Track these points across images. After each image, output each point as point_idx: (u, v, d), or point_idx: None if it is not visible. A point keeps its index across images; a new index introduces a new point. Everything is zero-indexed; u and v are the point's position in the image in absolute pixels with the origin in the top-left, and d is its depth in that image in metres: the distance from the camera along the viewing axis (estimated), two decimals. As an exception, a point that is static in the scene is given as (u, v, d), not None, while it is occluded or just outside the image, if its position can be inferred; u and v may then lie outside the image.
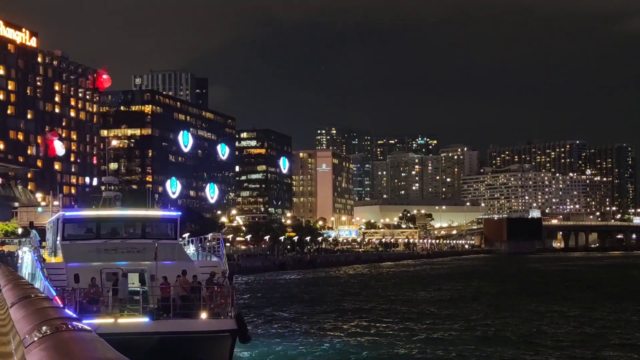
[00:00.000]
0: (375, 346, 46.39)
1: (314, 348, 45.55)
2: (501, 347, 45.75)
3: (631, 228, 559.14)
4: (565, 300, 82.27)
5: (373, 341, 48.77)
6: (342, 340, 49.06)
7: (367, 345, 46.58)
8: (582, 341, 48.46)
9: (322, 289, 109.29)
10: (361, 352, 43.83)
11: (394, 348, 45.66)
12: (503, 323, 59.14)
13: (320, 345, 46.69)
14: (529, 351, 44.23)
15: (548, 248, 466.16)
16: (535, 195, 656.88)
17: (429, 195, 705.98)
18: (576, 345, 46.50)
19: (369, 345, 46.90)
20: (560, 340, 48.71)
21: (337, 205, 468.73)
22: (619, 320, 60.48)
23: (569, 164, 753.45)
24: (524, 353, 43.60)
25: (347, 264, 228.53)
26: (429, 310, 72.73)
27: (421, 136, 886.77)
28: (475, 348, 45.39)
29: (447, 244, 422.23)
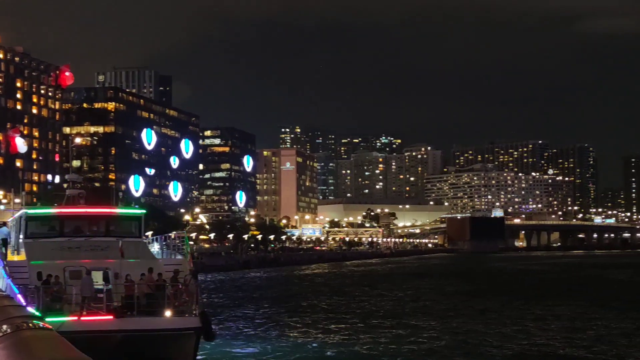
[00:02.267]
0: (338, 345, 46.43)
1: (278, 346, 45.52)
2: (463, 345, 45.97)
3: (592, 227, 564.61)
4: (527, 299, 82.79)
5: (336, 340, 48.80)
6: (306, 339, 49.07)
7: (330, 344, 46.60)
8: (544, 339, 48.82)
9: (285, 288, 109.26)
10: (324, 351, 43.85)
11: (356, 346, 45.74)
12: (466, 322, 59.39)
13: (284, 344, 46.68)
14: (490, 348, 44.48)
15: (510, 247, 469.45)
16: (498, 194, 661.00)
17: (392, 194, 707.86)
18: (538, 344, 46.83)
19: (332, 343, 46.93)
20: (524, 340, 49.05)
21: (301, 204, 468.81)
22: (582, 320, 60.99)
23: (532, 163, 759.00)
24: (486, 350, 43.84)
25: (311, 263, 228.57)
26: (391, 309, 72.92)
27: (385, 135, 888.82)
28: (437, 346, 45.56)
29: (410, 242, 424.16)
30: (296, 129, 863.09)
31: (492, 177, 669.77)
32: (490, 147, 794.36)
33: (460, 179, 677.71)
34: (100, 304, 34.26)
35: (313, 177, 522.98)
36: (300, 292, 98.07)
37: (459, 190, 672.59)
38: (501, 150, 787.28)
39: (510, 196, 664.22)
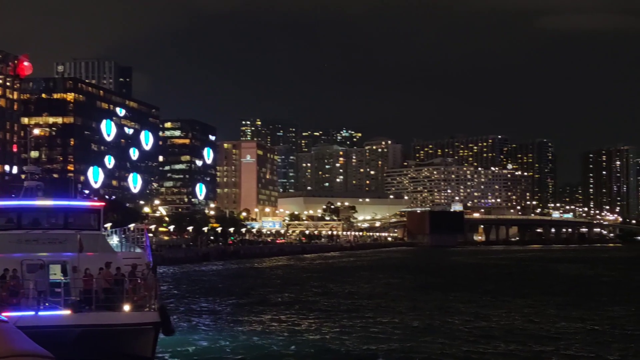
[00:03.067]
0: (297, 337, 46.37)
1: (238, 340, 45.37)
2: (419, 339, 46.08)
3: (550, 222, 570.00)
4: (485, 293, 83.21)
5: (295, 333, 48.75)
6: (265, 332, 48.97)
7: (289, 337, 46.52)
8: (503, 333, 49.06)
9: (245, 281, 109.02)
10: (283, 344, 43.76)
11: (315, 339, 45.69)
12: (425, 316, 59.57)
13: (244, 337, 46.54)
14: (447, 342, 44.62)
15: (469, 241, 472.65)
16: (458, 188, 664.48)
17: (352, 188, 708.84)
18: (495, 337, 47.05)
19: (291, 336, 46.85)
20: (484, 333, 49.24)
21: (261, 197, 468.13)
22: (538, 314, 61.38)
23: (491, 158, 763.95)
24: (442, 344, 43.97)
25: (271, 256, 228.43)
26: (351, 302, 72.98)
27: (346, 129, 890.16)
28: (393, 340, 45.64)
29: (370, 236, 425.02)
30: (257, 121, 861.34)
31: (451, 172, 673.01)
32: (451, 142, 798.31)
33: (420, 173, 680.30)
34: (58, 298, 33.93)
35: (273, 170, 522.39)
36: (259, 285, 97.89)
37: (419, 184, 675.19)
38: (461, 144, 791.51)
39: (470, 190, 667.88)
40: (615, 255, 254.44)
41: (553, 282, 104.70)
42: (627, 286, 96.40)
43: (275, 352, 41.33)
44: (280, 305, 70.29)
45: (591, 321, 55.88)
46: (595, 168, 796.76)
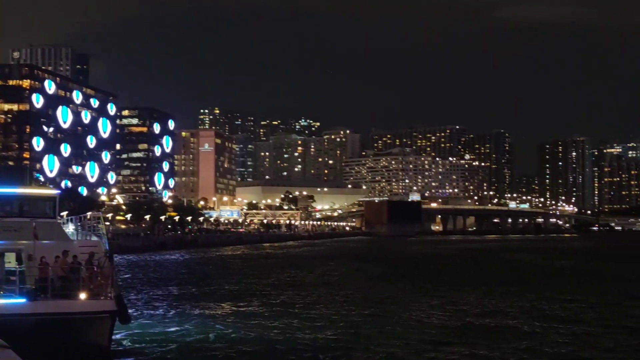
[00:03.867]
0: (253, 326, 46.26)
1: (195, 329, 45.19)
2: (373, 330, 46.20)
3: (507, 212, 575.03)
4: (441, 283, 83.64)
5: (252, 321, 48.63)
6: (222, 321, 48.80)
7: (246, 325, 46.41)
8: (456, 323, 49.31)
9: (203, 270, 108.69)
10: (240, 333, 43.63)
11: (271, 328, 45.63)
12: (378, 306, 59.73)
13: (201, 326, 46.36)
14: (400, 333, 44.75)
15: (427, 231, 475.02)
16: (416, 178, 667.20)
17: (311, 177, 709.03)
18: (447, 328, 47.28)
19: (248, 325, 46.74)
20: (439, 323, 49.48)
21: (219, 186, 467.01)
22: (493, 304, 61.75)
23: (449, 148, 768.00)
24: (394, 335, 44.09)
25: (229, 245, 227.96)
26: (307, 292, 72.99)
27: (304, 118, 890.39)
28: (347, 331, 45.73)
29: (328, 225, 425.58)
30: (215, 110, 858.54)
31: (409, 162, 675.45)
32: (409, 132, 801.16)
33: (379, 163, 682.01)
34: (13, 286, 33.60)
35: (232, 158, 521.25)
36: (217, 274, 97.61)
37: (377, 174, 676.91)
38: (419, 134, 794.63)
39: (428, 180, 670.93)
40: (573, 245, 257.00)
41: (510, 272, 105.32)
42: (585, 275, 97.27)
43: (232, 341, 41.19)
44: (237, 294, 70.13)
45: (549, 311, 56.34)
46: (551, 159, 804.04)
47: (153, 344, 39.83)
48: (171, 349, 38.79)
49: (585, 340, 42.43)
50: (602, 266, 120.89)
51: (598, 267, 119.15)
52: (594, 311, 55.93)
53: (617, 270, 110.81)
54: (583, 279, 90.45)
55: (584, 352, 38.83)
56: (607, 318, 51.91)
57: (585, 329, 46.77)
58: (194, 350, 38.75)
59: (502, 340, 41.87)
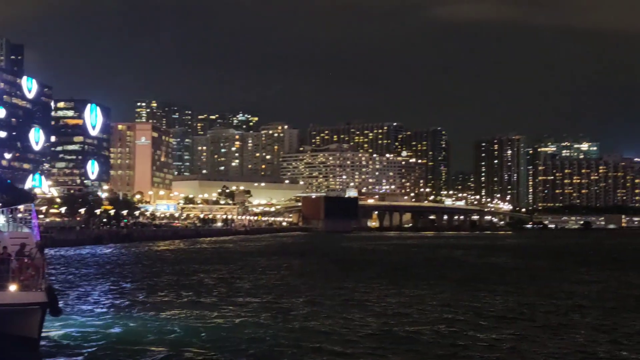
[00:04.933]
0: (187, 321, 45.99)
1: (126, 322, 44.75)
2: (305, 325, 46.20)
3: (443, 209, 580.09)
4: (374, 278, 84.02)
5: (185, 316, 48.35)
6: (155, 315, 48.42)
7: (178, 320, 46.11)
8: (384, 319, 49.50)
9: (138, 264, 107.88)
10: (174, 327, 43.33)
11: (205, 323, 45.40)
12: (308, 302, 59.83)
13: (133, 320, 45.94)
14: (327, 329, 44.79)
15: (364, 227, 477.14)
16: (353, 174, 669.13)
17: (248, 172, 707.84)
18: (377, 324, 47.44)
19: (181, 320, 46.44)
20: (372, 320, 49.61)
21: (155, 179, 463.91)
22: (420, 298, 62.16)
23: (386, 145, 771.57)
24: (321, 329, 44.13)
25: (165, 239, 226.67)
26: (243, 287, 72.96)
27: (242, 113, 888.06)
28: (278, 326, 45.67)
29: (265, 221, 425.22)
30: (152, 103, 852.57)
31: (347, 158, 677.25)
32: (346, 128, 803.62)
33: (316, 159, 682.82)
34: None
35: (168, 152, 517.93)
36: (152, 269, 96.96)
37: (315, 169, 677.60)
38: (357, 131, 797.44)
39: (365, 177, 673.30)
40: (510, 242, 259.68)
41: (441, 268, 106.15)
42: (518, 272, 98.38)
43: (165, 334, 40.86)
44: (172, 288, 69.71)
45: (485, 306, 56.81)
46: (487, 157, 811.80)
47: (82, 336, 39.36)
48: (102, 342, 38.34)
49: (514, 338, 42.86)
50: (536, 262, 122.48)
51: (532, 264, 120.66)
52: (528, 308, 56.54)
53: (549, 267, 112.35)
54: (515, 276, 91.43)
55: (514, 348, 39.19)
56: (536, 314, 52.54)
57: (516, 326, 47.27)
58: (125, 343, 38.33)
59: (425, 340, 42.09)
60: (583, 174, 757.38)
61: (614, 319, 50.09)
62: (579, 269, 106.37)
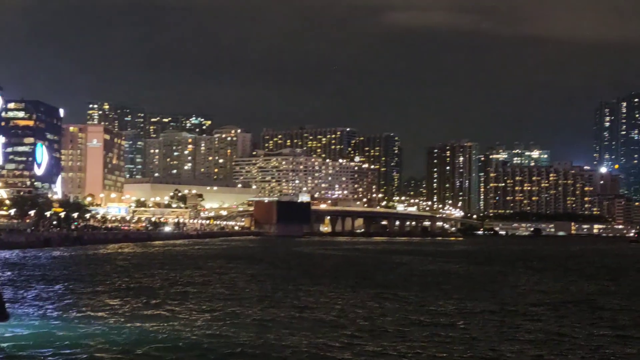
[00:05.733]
0: (136, 325, 45.92)
1: (75, 326, 44.58)
2: (252, 329, 46.36)
3: (395, 215, 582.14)
4: (322, 284, 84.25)
5: (134, 320, 48.25)
6: (104, 320, 48.27)
7: (129, 324, 46.02)
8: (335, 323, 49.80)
9: (88, 267, 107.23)
10: (122, 331, 43.25)
11: (153, 326, 45.37)
12: (253, 305, 59.97)
13: (82, 324, 45.78)
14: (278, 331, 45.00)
15: (316, 232, 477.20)
16: (306, 179, 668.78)
17: (201, 176, 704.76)
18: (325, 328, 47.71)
19: (130, 324, 46.35)
20: (315, 324, 49.87)
21: (107, 182, 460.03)
22: (366, 303, 62.51)
23: (339, 150, 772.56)
24: (273, 334, 44.33)
25: (116, 242, 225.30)
26: (192, 291, 72.89)
27: (195, 116, 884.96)
28: (226, 332, 45.81)
29: (217, 225, 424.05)
30: (104, 105, 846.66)
31: (300, 162, 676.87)
32: (300, 133, 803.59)
33: (269, 163, 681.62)
34: None
35: (120, 155, 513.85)
36: (102, 272, 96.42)
37: (268, 174, 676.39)
38: (310, 136, 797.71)
39: (317, 182, 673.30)
40: (460, 248, 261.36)
41: (394, 274, 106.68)
42: (468, 278, 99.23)
43: (111, 339, 40.78)
44: (120, 292, 69.42)
45: (433, 313, 57.28)
46: (439, 163, 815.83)
47: (30, 341, 39.19)
48: (50, 347, 38.18)
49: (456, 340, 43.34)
50: (487, 269, 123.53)
51: (484, 270, 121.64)
52: (475, 315, 57.11)
53: (499, 273, 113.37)
54: (465, 282, 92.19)
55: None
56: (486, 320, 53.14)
57: (468, 331, 47.79)
58: (74, 346, 38.21)
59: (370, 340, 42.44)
60: (534, 182, 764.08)
61: (559, 323, 50.86)
62: (525, 274, 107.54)
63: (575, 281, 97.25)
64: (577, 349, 41.36)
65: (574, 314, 58.03)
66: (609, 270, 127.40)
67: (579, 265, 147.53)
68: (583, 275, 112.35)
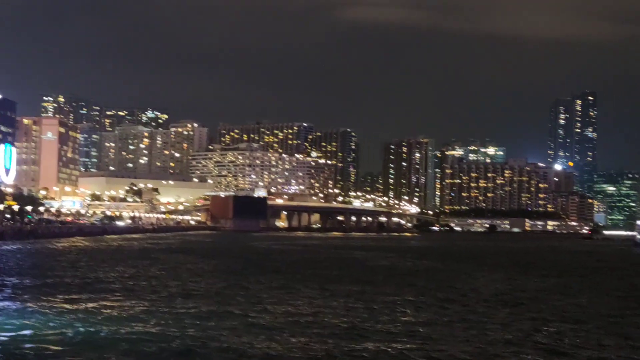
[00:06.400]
0: (89, 319, 45.70)
1: (30, 323, 44.27)
2: (206, 325, 46.36)
3: (351, 210, 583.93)
4: (276, 279, 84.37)
5: (88, 314, 48.02)
6: (55, 315, 47.96)
7: (82, 319, 45.79)
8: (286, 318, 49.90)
9: (41, 261, 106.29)
10: (76, 326, 43.03)
11: (108, 321, 45.20)
12: (209, 301, 59.98)
13: (36, 320, 45.45)
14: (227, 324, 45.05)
15: (272, 227, 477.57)
16: (262, 174, 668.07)
17: (157, 170, 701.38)
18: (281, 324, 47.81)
19: (84, 318, 46.12)
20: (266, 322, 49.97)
21: (61, 176, 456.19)
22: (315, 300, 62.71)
23: (296, 145, 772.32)
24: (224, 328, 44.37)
25: (70, 236, 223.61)
26: (144, 285, 72.61)
27: (152, 110, 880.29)
28: (175, 326, 45.77)
29: (173, 219, 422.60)
30: (59, 98, 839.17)
31: (256, 157, 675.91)
32: (256, 127, 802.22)
33: (225, 158, 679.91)
34: None
35: (75, 148, 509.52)
36: (54, 266, 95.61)
37: (224, 168, 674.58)
38: (267, 130, 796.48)
39: (274, 177, 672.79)
40: (415, 244, 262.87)
41: (347, 270, 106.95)
42: (423, 274, 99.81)
43: (61, 335, 40.55)
44: (75, 286, 68.99)
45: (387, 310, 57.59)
46: (396, 159, 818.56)
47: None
48: (2, 342, 37.94)
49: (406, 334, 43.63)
50: (435, 264, 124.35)
51: (437, 265, 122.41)
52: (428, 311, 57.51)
53: (447, 268, 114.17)
54: (414, 276, 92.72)
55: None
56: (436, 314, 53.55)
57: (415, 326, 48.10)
58: (26, 342, 37.98)
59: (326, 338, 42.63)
60: (489, 178, 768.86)
61: (510, 318, 51.39)
62: (477, 270, 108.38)
63: (517, 278, 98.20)
64: (517, 345, 41.82)
65: (517, 310, 58.62)
66: (560, 267, 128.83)
67: (531, 261, 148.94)
68: (532, 271, 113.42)
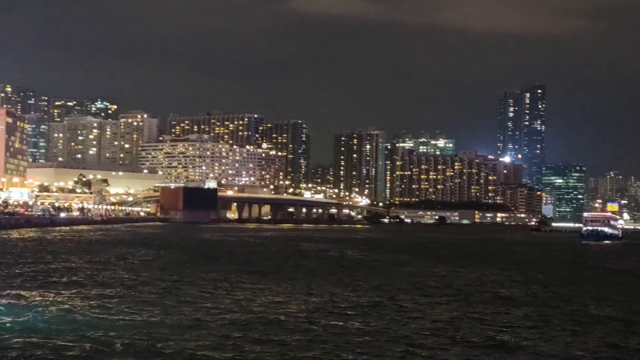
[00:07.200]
0: (40, 311, 45.54)
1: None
2: (157, 317, 46.43)
3: (302, 202, 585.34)
4: (225, 271, 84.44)
5: (37, 306, 47.83)
6: (9, 308, 47.72)
7: (28, 312, 45.62)
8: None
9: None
10: (32, 319, 42.89)
11: (56, 315, 45.08)
12: (162, 294, 60.01)
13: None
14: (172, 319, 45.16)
15: (222, 218, 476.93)
16: (213, 165, 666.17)
17: (106, 161, 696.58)
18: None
19: (30, 311, 45.96)
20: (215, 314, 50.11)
21: (9, 166, 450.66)
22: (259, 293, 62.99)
23: (247, 137, 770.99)
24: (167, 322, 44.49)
25: (17, 227, 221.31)
26: (93, 277, 72.36)
27: (101, 100, 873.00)
28: (125, 318, 45.77)
29: (122, 210, 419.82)
30: (7, 88, 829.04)
31: (207, 148, 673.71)
32: (207, 118, 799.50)
33: (176, 149, 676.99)
34: None
35: (23, 139, 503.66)
36: (3, 259, 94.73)
37: (174, 159, 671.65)
38: (217, 122, 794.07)
39: (225, 168, 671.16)
40: (365, 236, 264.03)
41: (293, 260, 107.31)
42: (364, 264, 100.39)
43: (12, 327, 40.41)
44: (22, 279, 68.52)
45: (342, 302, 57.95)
46: (346, 151, 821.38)
47: None
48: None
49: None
50: (385, 256, 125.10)
51: (384, 257, 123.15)
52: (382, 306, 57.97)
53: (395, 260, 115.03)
54: (360, 269, 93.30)
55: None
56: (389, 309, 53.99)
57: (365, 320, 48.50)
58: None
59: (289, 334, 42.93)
60: (439, 170, 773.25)
61: (457, 311, 52.02)
62: (424, 262, 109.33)
63: (463, 269, 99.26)
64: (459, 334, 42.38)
65: (457, 302, 59.35)
66: (510, 259, 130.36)
67: (478, 253, 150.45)
68: (475, 262, 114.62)
